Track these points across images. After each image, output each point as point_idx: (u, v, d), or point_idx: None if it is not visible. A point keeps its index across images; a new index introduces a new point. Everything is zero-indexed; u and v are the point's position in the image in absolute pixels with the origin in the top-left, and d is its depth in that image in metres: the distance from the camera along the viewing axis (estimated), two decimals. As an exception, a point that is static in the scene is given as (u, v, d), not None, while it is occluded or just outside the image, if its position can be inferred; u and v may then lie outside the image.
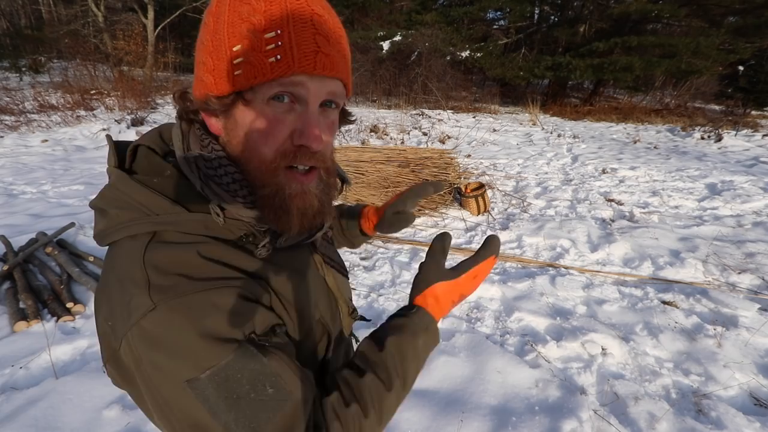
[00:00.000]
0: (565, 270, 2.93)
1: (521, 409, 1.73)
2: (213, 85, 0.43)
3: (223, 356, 0.40)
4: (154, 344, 0.39)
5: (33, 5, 18.82)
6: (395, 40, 11.62)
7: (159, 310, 0.39)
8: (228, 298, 0.42)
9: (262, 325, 0.44)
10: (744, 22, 10.92)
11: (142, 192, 0.45)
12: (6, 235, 3.01)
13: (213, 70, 0.43)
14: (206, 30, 0.44)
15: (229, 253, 0.46)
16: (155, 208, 0.44)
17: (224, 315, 0.41)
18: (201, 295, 0.41)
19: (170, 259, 0.42)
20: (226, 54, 0.42)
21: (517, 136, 8.17)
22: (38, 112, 8.11)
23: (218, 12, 0.43)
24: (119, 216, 0.45)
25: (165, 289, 0.40)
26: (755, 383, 1.92)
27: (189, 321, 0.39)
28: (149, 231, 0.44)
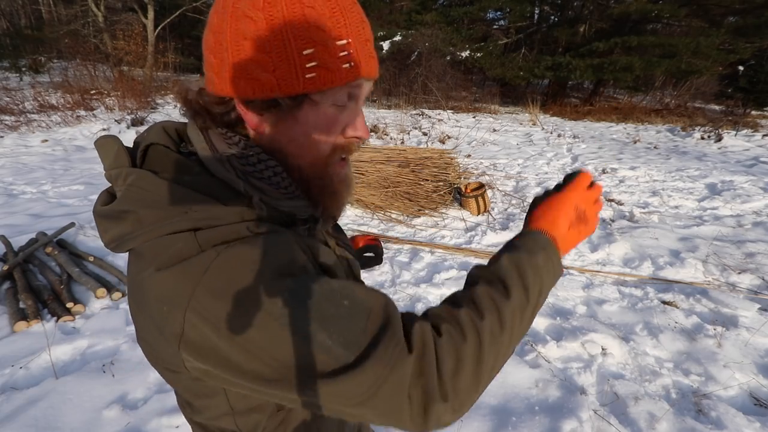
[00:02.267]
0: (565, 270, 2.93)
1: (521, 409, 1.73)
2: (276, 86, 0.43)
3: (299, 274, 0.42)
4: (227, 292, 0.39)
5: (33, 5, 18.82)
6: (395, 40, 11.62)
7: (223, 257, 0.40)
8: (287, 241, 0.45)
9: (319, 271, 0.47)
10: (744, 22, 10.92)
11: (177, 189, 0.43)
12: (6, 235, 3.01)
13: (275, 70, 0.43)
14: (256, 27, 0.42)
15: (281, 237, 0.48)
16: (192, 203, 0.43)
17: (288, 250, 0.44)
18: (261, 238, 0.43)
19: (223, 234, 0.42)
20: (293, 56, 0.43)
21: (517, 136, 8.17)
22: (38, 112, 8.11)
23: (273, 11, 0.42)
24: (150, 216, 0.43)
25: (222, 243, 0.41)
26: (755, 383, 1.92)
27: (257, 256, 0.41)
28: (189, 228, 0.42)
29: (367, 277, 2.79)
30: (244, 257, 0.41)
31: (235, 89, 0.44)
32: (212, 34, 0.45)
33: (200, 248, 0.41)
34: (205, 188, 0.45)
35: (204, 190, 0.44)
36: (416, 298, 2.54)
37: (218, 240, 0.42)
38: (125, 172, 0.45)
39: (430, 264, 3.00)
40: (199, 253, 0.41)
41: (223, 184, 0.46)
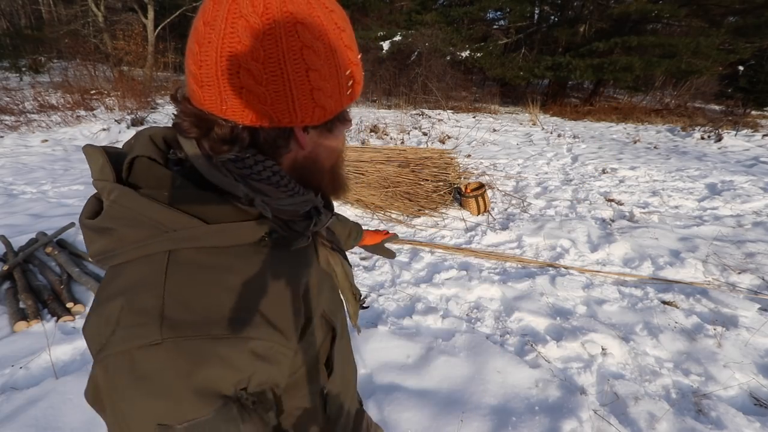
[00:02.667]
0: (565, 270, 2.93)
1: (521, 409, 1.73)
2: (333, 108, 0.48)
3: (205, 412, 0.38)
4: (139, 379, 0.37)
5: (33, 5, 18.82)
6: (395, 40, 11.62)
7: (163, 348, 0.37)
8: (237, 352, 0.40)
9: (258, 382, 0.43)
10: (744, 22, 10.91)
11: (155, 208, 0.43)
12: (6, 235, 3.01)
13: (331, 95, 0.46)
14: (318, 57, 0.44)
15: (251, 277, 0.45)
16: (171, 223, 0.43)
17: (225, 370, 0.39)
18: (213, 343, 0.39)
19: (192, 289, 0.41)
20: (342, 79, 0.47)
21: (517, 136, 8.17)
22: (38, 112, 8.11)
23: (326, 39, 0.44)
24: (131, 235, 0.43)
25: (178, 326, 0.38)
26: (755, 383, 1.92)
27: (189, 367, 0.38)
28: (166, 249, 0.42)
29: (368, 277, 2.79)
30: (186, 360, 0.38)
31: (300, 118, 0.45)
32: (257, 63, 0.41)
33: (162, 310, 0.39)
34: (184, 204, 0.44)
35: (183, 207, 0.44)
36: (416, 298, 2.55)
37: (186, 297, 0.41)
38: (109, 187, 0.44)
39: (430, 264, 3.00)
40: (160, 315, 0.39)
41: (208, 195, 0.45)
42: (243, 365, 0.41)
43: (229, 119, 0.44)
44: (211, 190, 0.46)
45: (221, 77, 0.42)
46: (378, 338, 2.10)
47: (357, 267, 2.92)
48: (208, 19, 0.42)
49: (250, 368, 0.41)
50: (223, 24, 0.41)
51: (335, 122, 0.50)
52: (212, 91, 0.43)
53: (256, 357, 0.42)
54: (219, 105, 0.43)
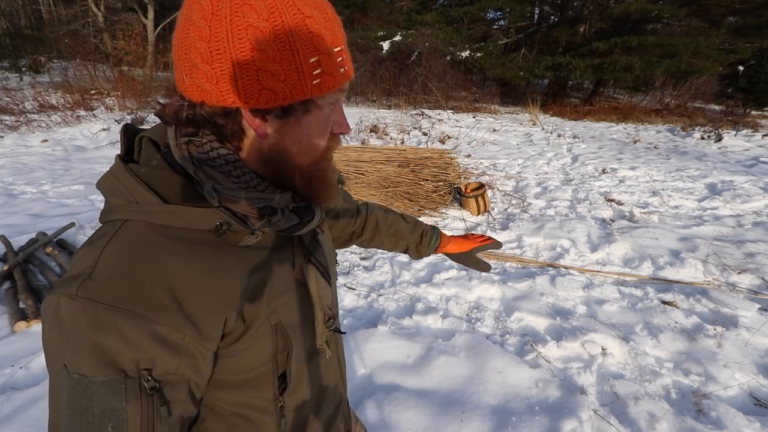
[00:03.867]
0: (565, 270, 2.93)
1: (521, 409, 1.73)
2: (288, 94, 0.46)
3: (97, 374, 0.40)
4: (57, 322, 0.42)
5: (33, 5, 18.81)
6: (395, 40, 11.62)
7: (74, 303, 0.41)
8: (134, 328, 0.41)
9: (164, 370, 0.43)
10: (744, 22, 10.91)
11: (130, 180, 0.46)
12: (6, 235, 3.01)
13: (285, 79, 0.45)
14: (265, 37, 0.43)
15: (183, 269, 0.45)
16: (137, 196, 0.46)
17: (121, 343, 0.41)
18: (113, 312, 0.41)
19: (123, 260, 0.43)
20: (302, 65, 0.45)
21: (517, 136, 8.17)
22: (38, 112, 8.11)
23: (278, 21, 0.44)
24: (111, 201, 0.48)
25: (93, 289, 0.41)
26: (755, 383, 1.92)
27: (89, 327, 0.40)
28: (125, 218, 0.46)
29: (368, 277, 2.79)
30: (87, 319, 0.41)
31: (245, 99, 0.45)
32: (203, 42, 0.43)
33: (91, 272, 0.42)
34: (153, 181, 0.47)
35: (151, 183, 0.47)
36: (416, 298, 2.55)
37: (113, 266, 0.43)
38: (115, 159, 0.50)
39: (430, 264, 3.00)
40: (87, 275, 0.42)
41: (173, 179, 0.48)
42: (142, 345, 0.41)
43: (186, 97, 0.47)
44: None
45: (180, 56, 0.45)
46: (378, 338, 2.10)
47: (357, 267, 2.92)
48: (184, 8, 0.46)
49: (151, 350, 0.42)
50: (185, 9, 0.45)
51: (296, 111, 0.48)
52: (177, 71, 0.47)
53: (159, 341, 0.42)
54: (181, 83, 0.47)
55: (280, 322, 0.54)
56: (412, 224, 0.99)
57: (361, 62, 11.57)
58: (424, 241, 1.00)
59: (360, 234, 0.95)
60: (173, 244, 0.45)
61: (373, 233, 0.96)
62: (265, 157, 0.51)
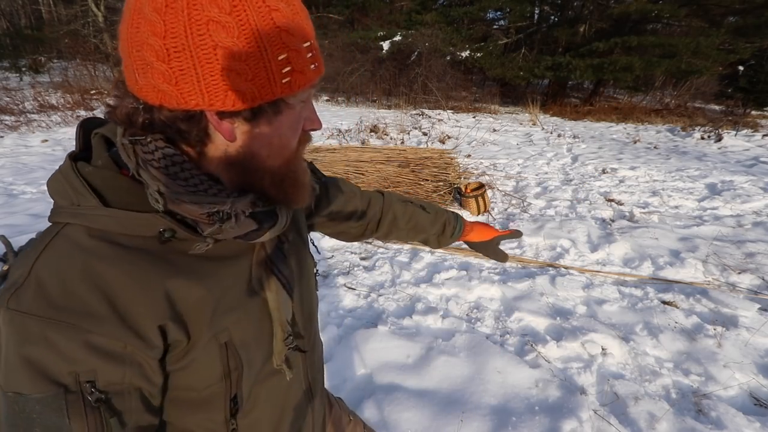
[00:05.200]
0: (565, 270, 2.93)
1: (521, 409, 1.73)
2: (257, 94, 0.42)
3: (33, 390, 0.38)
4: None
5: (33, 5, 18.82)
6: (395, 40, 11.62)
7: (4, 314, 0.39)
8: (66, 341, 0.39)
9: (108, 381, 0.41)
10: (744, 22, 10.90)
11: (74, 180, 0.44)
12: (6, 235, 2.97)
13: (253, 78, 0.41)
14: (228, 34, 0.39)
15: (120, 275, 0.42)
16: (79, 198, 0.44)
17: (54, 355, 0.38)
18: (41, 322, 0.38)
19: (56, 268, 0.41)
20: (270, 63, 0.42)
21: (517, 136, 8.17)
22: (38, 112, 8.11)
23: (243, 15, 0.40)
24: (57, 202, 0.45)
25: (23, 300, 0.39)
26: (755, 383, 1.92)
27: (17, 340, 0.38)
28: (64, 222, 0.44)
29: (368, 277, 2.79)
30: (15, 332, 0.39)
31: (209, 101, 0.41)
32: (159, 38, 0.39)
33: (24, 281, 0.40)
34: (96, 181, 0.44)
35: (94, 184, 0.44)
36: (416, 298, 2.55)
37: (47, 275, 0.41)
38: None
39: (430, 264, 3.00)
40: (18, 284, 0.40)
41: (116, 178, 0.45)
42: (76, 356, 0.39)
43: (141, 98, 0.42)
44: None
45: (131, 53, 0.40)
46: (378, 338, 2.10)
47: (357, 267, 2.92)
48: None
49: (88, 362, 0.40)
50: (131, 7, 0.40)
51: (266, 112, 0.45)
52: (127, 69, 0.42)
53: (97, 352, 0.40)
54: (134, 84, 0.42)
55: (230, 340, 0.50)
56: (432, 215, 0.94)
57: (361, 62, 11.57)
58: (446, 231, 0.96)
59: (375, 230, 0.91)
60: (112, 251, 0.42)
61: (390, 228, 0.92)
62: (231, 160, 0.47)
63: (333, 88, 12.16)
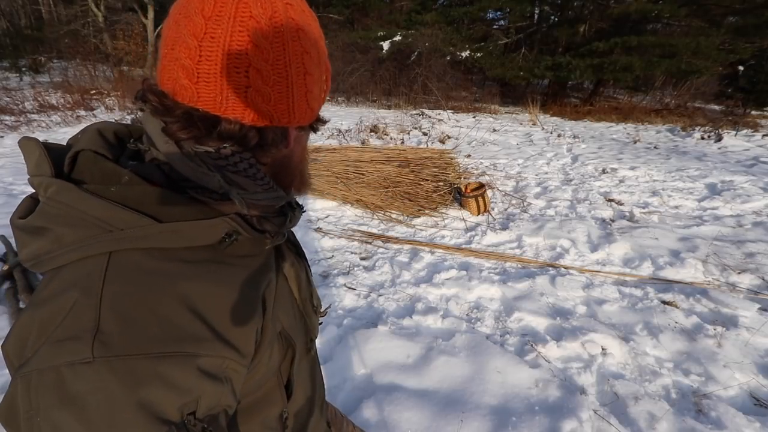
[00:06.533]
0: (565, 270, 2.93)
1: (521, 409, 1.73)
2: (317, 108, 0.51)
3: None
4: (68, 401, 0.33)
5: (33, 5, 18.82)
6: (395, 40, 11.62)
7: (94, 367, 0.33)
8: (180, 369, 0.36)
9: (207, 407, 0.38)
10: (744, 22, 10.90)
11: (99, 204, 0.38)
12: (6, 235, 3.00)
13: (317, 98, 0.50)
14: (310, 61, 0.47)
15: (205, 284, 0.41)
16: (118, 222, 0.38)
17: (168, 392, 0.35)
18: (149, 360, 0.35)
19: (133, 299, 0.36)
20: (322, 83, 0.50)
21: (517, 136, 8.17)
22: (38, 112, 8.10)
23: (319, 44, 0.48)
24: (70, 235, 0.38)
25: (113, 343, 0.34)
26: (755, 383, 1.92)
27: (127, 388, 0.33)
28: (107, 251, 0.38)
29: (368, 277, 2.79)
30: (121, 380, 0.33)
31: (298, 119, 0.48)
32: (268, 64, 0.42)
33: (98, 324, 0.34)
34: (134, 201, 0.40)
35: (133, 204, 0.40)
36: (416, 298, 2.55)
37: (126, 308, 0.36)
38: (46, 182, 0.40)
39: (430, 264, 3.00)
40: (94, 329, 0.34)
41: (164, 192, 0.42)
42: (189, 386, 0.36)
43: (230, 117, 0.43)
44: (174, 190, 0.43)
45: (226, 75, 0.41)
46: (378, 338, 2.10)
47: (357, 267, 2.92)
48: (209, 14, 0.40)
49: (197, 389, 0.37)
50: (231, 22, 0.41)
51: (317, 123, 0.54)
52: (212, 88, 0.41)
53: (205, 376, 0.38)
54: (219, 102, 0.42)
55: (283, 328, 0.53)
56: None
57: (361, 62, 11.57)
58: None
59: None
60: (179, 267, 0.40)
61: None
62: (277, 163, 0.52)
63: (333, 88, 12.14)
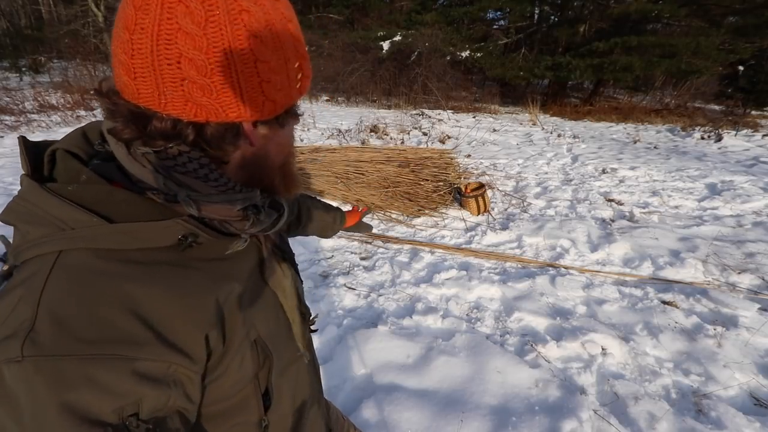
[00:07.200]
0: (565, 270, 2.93)
1: (521, 409, 1.73)
2: (284, 102, 0.46)
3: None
4: (4, 398, 0.34)
5: (33, 5, 18.82)
6: (395, 40, 11.62)
7: (23, 366, 0.33)
8: (113, 373, 0.35)
9: (153, 408, 0.37)
10: (744, 22, 10.90)
11: (55, 203, 0.38)
12: (6, 235, 3.00)
13: (281, 89, 0.44)
14: (263, 47, 0.41)
15: (154, 288, 0.39)
16: (70, 221, 0.38)
17: (100, 392, 0.34)
18: (79, 362, 0.34)
19: (73, 298, 0.36)
20: (291, 72, 0.45)
21: (517, 136, 8.17)
22: (38, 112, 8.11)
23: (274, 29, 0.42)
24: (30, 233, 0.39)
25: (44, 343, 0.34)
26: (755, 383, 1.92)
27: (52, 391, 0.33)
28: (58, 249, 0.38)
29: (368, 277, 2.79)
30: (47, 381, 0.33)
31: (250, 112, 0.42)
32: (200, 52, 0.39)
33: (33, 323, 0.34)
34: (88, 200, 0.40)
35: (86, 203, 0.39)
36: (416, 298, 2.55)
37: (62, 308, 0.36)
38: (21, 179, 0.41)
39: (430, 264, 3.00)
40: (28, 328, 0.34)
41: (120, 192, 0.41)
42: (124, 389, 0.35)
43: (171, 114, 0.40)
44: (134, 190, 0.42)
45: (159, 68, 0.38)
46: (378, 338, 2.10)
47: (357, 267, 2.92)
48: (139, 3, 0.37)
49: (135, 392, 0.36)
50: (159, 9, 0.37)
51: (287, 117, 0.48)
52: (148, 83, 0.39)
53: (145, 379, 0.36)
54: (157, 98, 0.39)
55: (259, 336, 0.50)
56: (325, 208, 1.04)
57: (361, 62, 11.57)
58: (336, 223, 1.07)
59: (296, 225, 0.95)
60: (129, 270, 0.39)
61: (306, 223, 0.98)
62: (246, 162, 0.47)
63: (333, 88, 12.15)
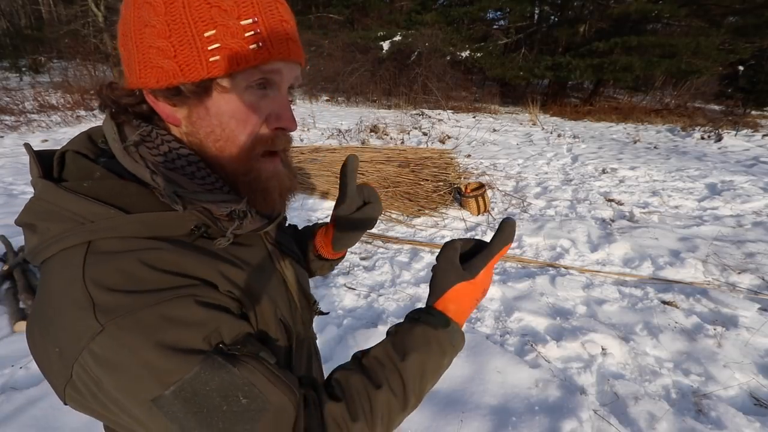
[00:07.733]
0: (565, 270, 2.93)
1: (521, 409, 1.73)
2: (179, 72, 0.41)
3: (186, 369, 0.37)
4: (111, 367, 0.37)
5: (33, 5, 18.82)
6: (395, 40, 11.61)
7: (107, 332, 0.36)
8: (183, 308, 0.39)
9: (231, 333, 0.42)
10: (744, 22, 10.91)
11: (72, 199, 0.41)
12: (6, 235, 3.01)
13: (175, 56, 0.41)
14: (156, 12, 0.40)
15: (177, 256, 0.42)
16: (89, 215, 0.41)
17: (181, 326, 0.38)
18: (151, 309, 0.38)
19: (112, 273, 0.39)
20: (195, 39, 0.40)
21: (517, 136, 8.17)
22: (38, 112, 8.10)
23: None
24: (50, 230, 0.41)
25: (111, 309, 0.37)
26: (755, 383, 1.92)
27: (142, 338, 0.37)
28: (84, 241, 0.40)
29: (368, 277, 2.79)
30: (134, 333, 0.37)
31: (139, 79, 0.43)
32: (120, 26, 0.44)
33: (91, 299, 0.37)
34: (104, 194, 0.42)
35: (102, 197, 0.42)
36: (416, 298, 2.54)
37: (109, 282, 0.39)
38: (34, 182, 0.43)
39: (430, 264, 3.00)
40: (91, 305, 0.37)
41: (127, 186, 0.43)
42: (200, 318, 0.40)
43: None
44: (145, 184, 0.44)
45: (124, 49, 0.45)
46: (378, 338, 2.10)
47: (357, 267, 2.92)
48: None
49: (210, 319, 0.40)
50: None
51: (195, 93, 0.43)
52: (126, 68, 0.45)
53: (213, 308, 0.41)
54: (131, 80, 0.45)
55: (283, 315, 0.53)
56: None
57: (361, 62, 11.57)
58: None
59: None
60: (155, 244, 0.42)
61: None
62: (195, 149, 0.47)
63: (333, 88, 12.15)
